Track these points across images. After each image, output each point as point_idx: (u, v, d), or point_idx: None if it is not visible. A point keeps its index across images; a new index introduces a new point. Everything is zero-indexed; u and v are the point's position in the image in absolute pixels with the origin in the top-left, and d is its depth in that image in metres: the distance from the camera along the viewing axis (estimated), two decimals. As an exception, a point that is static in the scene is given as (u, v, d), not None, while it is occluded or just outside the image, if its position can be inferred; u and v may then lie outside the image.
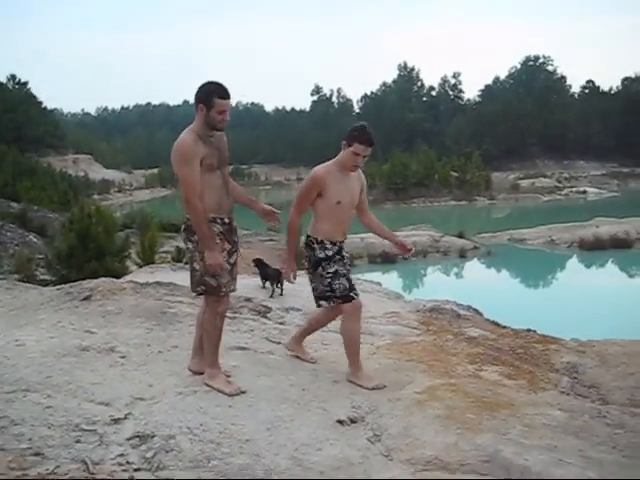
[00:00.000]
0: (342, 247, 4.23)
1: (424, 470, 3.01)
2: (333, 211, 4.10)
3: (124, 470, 2.92)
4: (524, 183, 64.12)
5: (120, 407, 3.51)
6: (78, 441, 3.11)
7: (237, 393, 3.76)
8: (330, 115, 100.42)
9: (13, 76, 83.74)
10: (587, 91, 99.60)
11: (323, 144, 71.65)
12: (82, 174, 64.54)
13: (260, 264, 8.01)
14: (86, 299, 5.69)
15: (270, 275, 7.80)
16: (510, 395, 3.94)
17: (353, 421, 3.53)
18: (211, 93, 3.65)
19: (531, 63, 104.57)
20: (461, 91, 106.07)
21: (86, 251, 12.26)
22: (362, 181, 4.34)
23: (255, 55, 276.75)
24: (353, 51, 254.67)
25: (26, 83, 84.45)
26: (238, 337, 4.99)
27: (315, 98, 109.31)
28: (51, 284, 8.91)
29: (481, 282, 20.65)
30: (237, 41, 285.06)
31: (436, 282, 20.78)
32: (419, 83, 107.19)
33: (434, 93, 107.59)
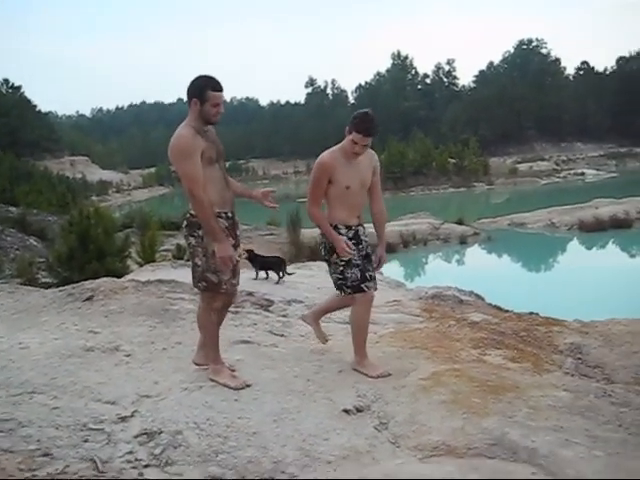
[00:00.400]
0: (358, 231, 4.16)
1: (432, 455, 3.03)
2: (344, 196, 4.07)
3: (133, 467, 2.93)
4: (522, 167, 64.10)
5: (126, 405, 3.52)
6: (86, 440, 3.11)
7: (242, 387, 3.77)
8: (325, 107, 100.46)
9: (6, 80, 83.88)
10: (582, 72, 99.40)
11: (319, 136, 71.69)
12: (79, 176, 64.44)
13: (254, 255, 8.03)
14: (88, 299, 5.70)
15: (273, 263, 8.03)
16: (515, 378, 3.95)
17: (359, 410, 3.54)
18: (204, 86, 3.64)
19: (525, 47, 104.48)
20: (455, 78, 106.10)
21: (87, 252, 12.25)
22: (374, 162, 4.24)
23: (248, 49, 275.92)
24: (346, 42, 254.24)
25: (20, 87, 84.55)
26: (241, 331, 5.00)
27: (309, 90, 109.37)
28: (53, 286, 8.91)
29: (482, 268, 20.62)
30: (232, 37, 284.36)
31: (437, 269, 20.76)
32: (413, 71, 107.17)
33: (428, 81, 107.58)
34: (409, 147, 60.99)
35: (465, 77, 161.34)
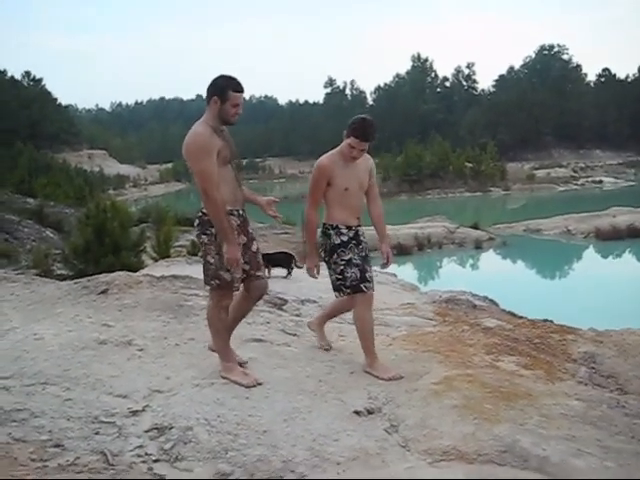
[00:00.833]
0: (358, 232, 4.26)
1: (442, 460, 3.01)
2: (343, 198, 4.16)
3: (143, 461, 2.94)
4: (539, 173, 63.58)
5: (138, 399, 3.54)
6: (97, 433, 3.13)
7: (254, 385, 3.77)
8: (343, 107, 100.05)
9: (28, 73, 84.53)
10: (603, 79, 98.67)
11: (337, 136, 70.44)
12: (97, 169, 64.80)
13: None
14: (103, 293, 5.73)
15: (282, 259, 8.34)
16: (527, 385, 3.92)
17: (370, 412, 3.53)
18: (226, 86, 3.65)
19: (546, 52, 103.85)
20: (475, 81, 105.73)
21: (102, 246, 12.32)
22: (370, 165, 4.35)
23: (268, 49, 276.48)
24: (366, 43, 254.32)
25: (41, 80, 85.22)
26: (254, 329, 5.00)
27: (328, 90, 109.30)
28: (68, 278, 8.97)
29: (497, 273, 20.53)
30: (251, 36, 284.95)
31: (452, 273, 20.68)
32: (433, 74, 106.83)
33: (448, 84, 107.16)
34: (427, 150, 60.72)
35: (485, 81, 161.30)
